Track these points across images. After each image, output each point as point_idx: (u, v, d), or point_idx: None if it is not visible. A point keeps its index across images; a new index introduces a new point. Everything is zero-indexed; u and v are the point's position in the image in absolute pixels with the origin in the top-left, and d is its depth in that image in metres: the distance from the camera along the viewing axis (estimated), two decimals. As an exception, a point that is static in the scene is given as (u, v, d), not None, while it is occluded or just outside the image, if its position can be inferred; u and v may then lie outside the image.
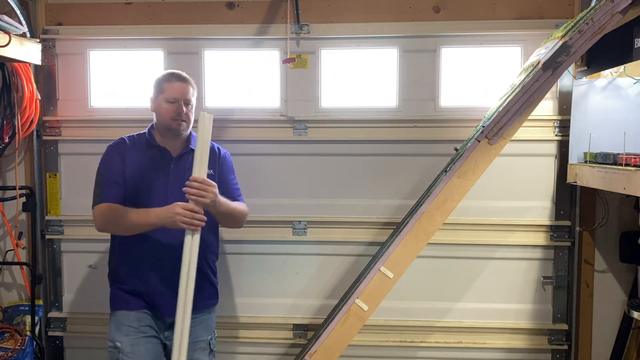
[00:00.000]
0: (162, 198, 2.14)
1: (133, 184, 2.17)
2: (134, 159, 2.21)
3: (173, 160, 2.23)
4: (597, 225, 2.89)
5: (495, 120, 2.23)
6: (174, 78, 2.22)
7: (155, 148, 2.23)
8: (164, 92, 2.20)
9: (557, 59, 2.12)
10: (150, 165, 2.21)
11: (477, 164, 2.24)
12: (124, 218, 2.09)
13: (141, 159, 2.21)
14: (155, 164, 2.21)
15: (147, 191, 2.17)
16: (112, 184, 2.17)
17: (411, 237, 2.25)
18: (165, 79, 2.22)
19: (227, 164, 2.40)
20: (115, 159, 2.20)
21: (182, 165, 2.23)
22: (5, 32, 2.50)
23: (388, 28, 2.93)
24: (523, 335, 2.99)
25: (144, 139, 2.26)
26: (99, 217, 2.16)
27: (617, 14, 2.03)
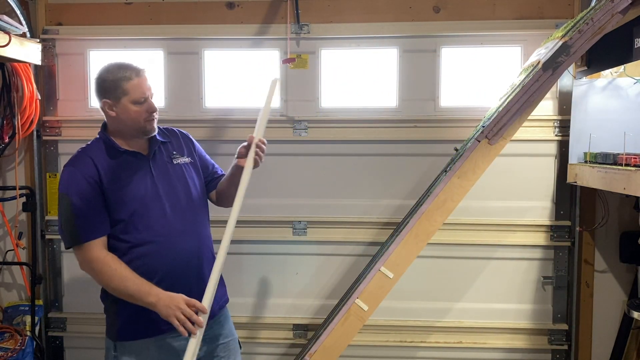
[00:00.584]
0: (158, 205, 1.92)
1: (121, 201, 1.87)
2: (109, 172, 1.88)
3: (149, 160, 1.97)
4: (597, 225, 2.89)
5: (495, 120, 2.23)
6: (133, 74, 1.88)
7: (125, 154, 1.93)
8: (128, 93, 1.87)
9: (557, 59, 2.12)
10: (128, 173, 1.91)
11: (477, 164, 2.24)
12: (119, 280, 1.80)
13: (117, 171, 1.90)
14: (132, 170, 1.92)
15: (141, 203, 1.90)
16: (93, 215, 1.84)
17: (411, 237, 2.25)
18: (125, 77, 1.87)
19: (198, 145, 2.20)
20: (88, 180, 1.85)
21: (160, 163, 1.99)
22: (5, 32, 2.50)
23: (388, 28, 2.93)
24: (523, 335, 2.99)
25: (106, 148, 1.93)
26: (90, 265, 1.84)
27: (617, 14, 2.03)
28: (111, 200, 1.86)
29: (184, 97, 3.05)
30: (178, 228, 1.94)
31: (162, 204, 1.93)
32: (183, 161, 2.05)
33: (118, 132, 1.95)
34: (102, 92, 1.91)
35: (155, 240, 1.90)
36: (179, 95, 3.05)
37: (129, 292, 1.79)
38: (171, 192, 1.95)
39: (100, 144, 1.95)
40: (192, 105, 3.06)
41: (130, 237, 1.88)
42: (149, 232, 1.89)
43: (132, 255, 1.88)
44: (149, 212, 1.90)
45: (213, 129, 3.03)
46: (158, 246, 1.90)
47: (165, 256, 1.91)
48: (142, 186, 1.91)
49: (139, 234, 1.88)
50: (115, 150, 1.92)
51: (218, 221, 2.15)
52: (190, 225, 1.98)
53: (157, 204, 1.92)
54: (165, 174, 1.97)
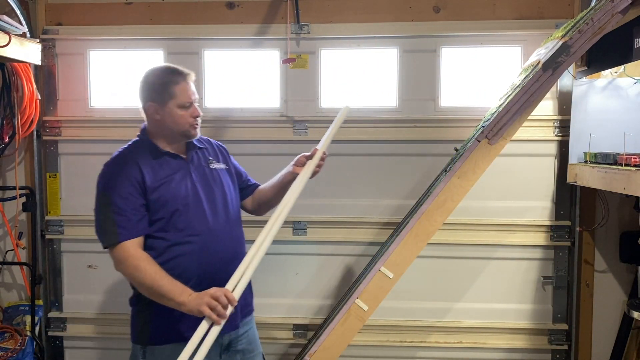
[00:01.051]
0: (198, 206, 1.91)
1: (163, 199, 1.86)
2: (151, 171, 1.88)
3: (187, 163, 1.97)
4: (597, 225, 2.89)
5: (495, 120, 2.23)
6: (180, 78, 1.91)
7: (166, 155, 1.94)
8: (175, 97, 1.89)
9: (557, 59, 2.12)
10: (170, 173, 1.91)
11: (477, 164, 2.24)
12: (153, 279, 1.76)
13: (160, 171, 1.90)
14: (173, 171, 1.92)
15: (182, 203, 1.89)
16: (134, 214, 1.82)
17: (411, 237, 2.24)
18: (173, 81, 1.90)
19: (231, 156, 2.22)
20: (130, 180, 1.84)
21: (198, 166, 1.99)
22: (5, 32, 2.50)
23: (388, 28, 2.93)
24: (523, 335, 2.99)
25: (149, 148, 1.94)
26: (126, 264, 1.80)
27: (617, 14, 2.03)
28: (153, 199, 1.85)
29: (184, 97, 3.04)
30: (216, 230, 1.93)
31: (202, 205, 1.92)
32: (219, 167, 2.05)
33: (159, 134, 1.95)
34: (149, 95, 1.92)
35: (195, 240, 1.88)
36: (179, 95, 3.05)
37: (162, 291, 1.75)
38: (209, 194, 1.95)
39: (140, 145, 1.95)
40: (192, 105, 3.05)
41: (170, 235, 1.87)
42: (189, 231, 1.88)
43: (171, 254, 1.87)
44: (189, 212, 1.89)
45: (213, 129, 3.03)
46: (197, 246, 1.89)
47: (204, 256, 1.89)
48: (183, 187, 1.90)
49: (179, 233, 1.87)
50: (157, 152, 1.93)
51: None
52: (227, 227, 1.98)
53: (197, 205, 1.91)
54: (203, 177, 1.97)
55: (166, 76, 1.91)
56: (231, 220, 2.01)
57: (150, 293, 1.79)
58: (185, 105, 1.90)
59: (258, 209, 2.19)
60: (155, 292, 1.77)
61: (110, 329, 3.14)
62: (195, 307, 1.70)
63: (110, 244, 1.82)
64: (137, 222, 1.83)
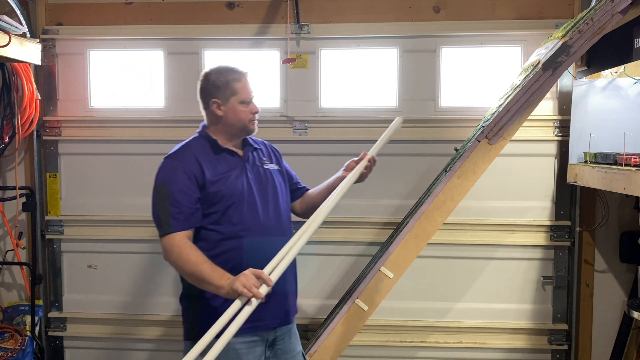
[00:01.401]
0: (252, 202, 1.96)
1: (220, 193, 1.92)
2: (210, 166, 1.94)
3: (243, 161, 2.03)
4: (597, 225, 2.89)
5: (495, 120, 2.23)
6: (241, 76, 2.00)
7: (225, 152, 2.00)
8: (237, 93, 1.98)
9: (557, 59, 2.12)
10: (228, 169, 1.97)
11: (477, 164, 2.24)
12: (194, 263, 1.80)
13: (219, 166, 1.96)
14: (231, 167, 1.98)
15: (238, 198, 1.93)
16: (187, 208, 1.87)
17: (411, 237, 2.25)
18: (234, 78, 1.98)
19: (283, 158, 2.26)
20: (188, 174, 1.90)
21: (253, 165, 2.05)
22: (5, 32, 2.50)
23: (388, 28, 2.93)
24: (523, 335, 2.99)
25: (209, 144, 2.00)
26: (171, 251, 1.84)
27: (617, 14, 2.03)
28: (211, 192, 1.90)
29: (184, 97, 3.04)
30: (267, 226, 1.97)
31: (256, 202, 1.97)
32: (272, 167, 2.10)
33: (220, 131, 2.02)
34: (213, 92, 2.00)
35: (246, 235, 1.93)
36: (179, 95, 3.05)
37: (202, 276, 1.78)
38: (262, 193, 2.00)
39: (202, 140, 2.02)
40: (192, 105, 3.03)
41: (223, 228, 1.92)
42: (242, 225, 1.92)
43: (223, 247, 1.91)
44: (243, 207, 1.94)
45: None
46: (248, 241, 1.93)
47: (254, 252, 1.92)
48: (240, 183, 1.96)
49: (233, 227, 1.91)
50: (216, 147, 2.00)
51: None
52: (278, 226, 2.02)
53: (251, 201, 1.96)
54: (258, 176, 2.03)
55: (228, 74, 2.00)
56: (281, 219, 2.05)
57: (192, 278, 1.82)
58: (246, 101, 1.99)
59: (306, 212, 2.19)
60: (196, 277, 1.80)
61: (110, 329, 3.14)
62: (229, 286, 1.73)
63: (163, 234, 1.87)
64: (191, 215, 1.88)
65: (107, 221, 3.11)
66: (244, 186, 1.96)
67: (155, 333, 3.13)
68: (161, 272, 3.11)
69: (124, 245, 3.11)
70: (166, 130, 3.05)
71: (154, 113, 3.07)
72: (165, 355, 3.14)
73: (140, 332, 3.14)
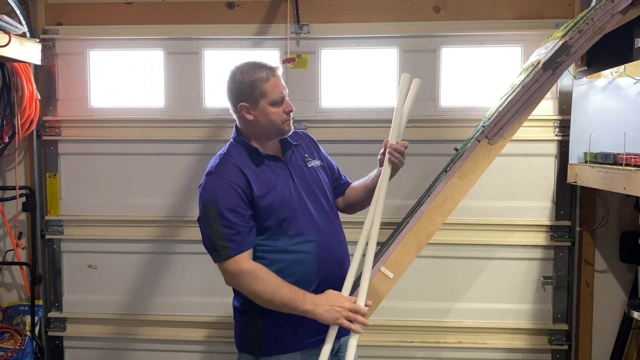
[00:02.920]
0: (305, 209, 1.84)
1: (271, 207, 1.78)
2: (256, 179, 1.79)
3: (286, 165, 1.88)
4: (597, 225, 2.89)
5: (495, 120, 2.23)
6: (269, 73, 1.79)
7: (265, 158, 1.85)
8: (267, 94, 1.78)
9: (557, 59, 2.12)
10: (274, 179, 1.82)
11: (477, 164, 2.24)
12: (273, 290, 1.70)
13: (264, 177, 1.81)
14: (276, 177, 1.83)
15: (290, 208, 1.81)
16: (243, 227, 1.74)
17: (411, 237, 2.24)
18: (262, 78, 1.78)
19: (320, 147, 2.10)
20: (237, 190, 1.74)
21: (296, 166, 1.90)
22: (5, 32, 2.50)
23: (388, 28, 2.93)
24: (523, 335, 2.99)
25: (248, 153, 1.84)
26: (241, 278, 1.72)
27: (617, 14, 2.03)
28: (262, 206, 1.77)
29: (184, 97, 3.05)
30: (326, 232, 1.88)
31: (308, 208, 1.84)
32: (315, 164, 1.97)
33: (254, 135, 1.86)
34: (238, 96, 1.81)
35: (308, 247, 1.82)
36: (179, 95, 3.05)
37: (284, 301, 1.68)
38: (312, 196, 1.88)
39: (240, 149, 1.85)
40: (192, 105, 3.06)
41: (281, 243, 1.79)
42: (300, 238, 1.81)
43: (283, 263, 1.80)
44: (297, 217, 1.81)
45: (213, 129, 3.03)
46: (312, 252, 1.82)
47: (320, 262, 1.83)
48: (288, 191, 1.82)
49: (290, 240, 1.80)
50: (258, 156, 1.83)
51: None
52: (332, 228, 1.92)
53: (304, 208, 1.84)
54: (304, 178, 1.89)
55: (254, 74, 1.79)
56: (333, 219, 1.94)
57: (272, 305, 1.72)
58: (277, 101, 1.80)
59: (349, 209, 2.11)
60: (276, 303, 1.71)
61: (110, 329, 3.14)
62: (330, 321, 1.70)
63: (222, 259, 1.73)
64: (247, 234, 1.75)
65: (107, 221, 3.11)
66: (292, 194, 1.82)
67: (155, 333, 3.13)
68: (161, 272, 3.11)
69: (124, 245, 3.11)
70: (166, 130, 3.05)
71: (154, 113, 3.07)
72: (165, 355, 3.14)
73: (140, 332, 3.14)
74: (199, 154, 3.04)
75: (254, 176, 1.78)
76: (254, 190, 1.76)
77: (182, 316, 3.10)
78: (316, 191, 1.91)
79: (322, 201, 1.91)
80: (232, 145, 1.88)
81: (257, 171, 1.81)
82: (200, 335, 3.11)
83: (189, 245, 3.05)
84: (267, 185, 1.79)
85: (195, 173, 3.05)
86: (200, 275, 3.07)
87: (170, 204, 3.07)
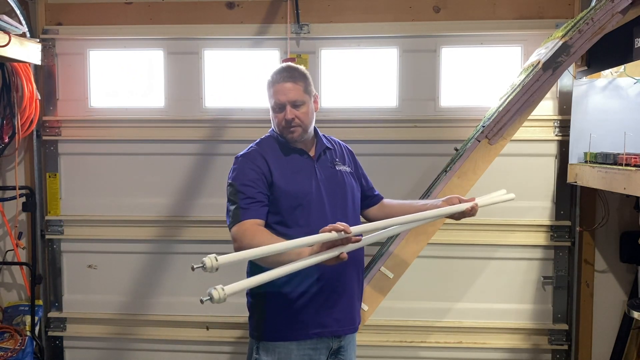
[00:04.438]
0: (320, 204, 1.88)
1: (288, 193, 1.85)
2: (279, 167, 1.89)
3: (314, 161, 1.95)
4: (597, 225, 2.89)
5: (496, 120, 2.23)
6: (279, 78, 1.87)
7: (293, 151, 1.93)
8: (269, 98, 1.89)
9: (557, 59, 2.12)
10: (297, 170, 1.91)
11: (477, 164, 2.24)
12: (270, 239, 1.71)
13: (285, 165, 1.90)
14: (300, 168, 1.91)
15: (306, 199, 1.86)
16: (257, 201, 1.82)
17: (411, 237, 2.25)
18: (271, 82, 1.89)
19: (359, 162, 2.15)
20: (255, 170, 1.85)
21: (324, 166, 1.96)
22: (5, 32, 2.50)
23: (388, 28, 2.93)
24: (523, 335, 2.99)
25: (278, 142, 1.94)
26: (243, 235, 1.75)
27: (617, 14, 2.03)
28: (278, 191, 1.84)
29: (184, 97, 3.05)
30: None
31: (324, 205, 1.88)
32: (344, 169, 2.01)
33: None
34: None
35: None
36: (179, 95, 3.05)
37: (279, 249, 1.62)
38: (332, 195, 1.91)
39: (270, 140, 1.96)
40: (192, 105, 3.06)
41: (291, 231, 1.80)
42: (309, 228, 1.79)
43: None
44: (311, 209, 1.86)
45: (213, 129, 3.03)
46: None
47: None
48: (308, 184, 1.89)
49: (300, 229, 1.81)
50: (286, 147, 1.93)
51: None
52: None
53: (319, 203, 1.88)
54: (327, 177, 1.94)
55: (271, 76, 1.90)
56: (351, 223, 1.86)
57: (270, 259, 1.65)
58: (274, 108, 1.89)
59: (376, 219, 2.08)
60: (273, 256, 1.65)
61: (110, 329, 3.14)
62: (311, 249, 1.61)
63: (233, 224, 1.80)
64: (260, 207, 1.82)
65: (107, 221, 3.11)
66: (312, 187, 1.88)
67: (155, 333, 3.13)
68: (161, 272, 3.11)
69: (124, 245, 3.11)
70: (166, 130, 3.05)
71: (154, 113, 3.07)
72: (164, 355, 3.15)
73: (140, 332, 3.14)
74: (199, 154, 3.04)
75: (276, 163, 1.88)
76: (274, 174, 1.85)
77: (182, 316, 3.10)
78: (337, 191, 1.94)
79: (340, 202, 1.93)
80: (265, 137, 1.98)
81: (282, 160, 1.90)
82: (200, 335, 3.11)
83: (189, 245, 3.05)
84: (289, 174, 1.87)
85: (195, 173, 3.04)
86: (200, 275, 3.04)
87: (170, 204, 3.07)
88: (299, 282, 1.82)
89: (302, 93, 1.88)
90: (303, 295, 1.82)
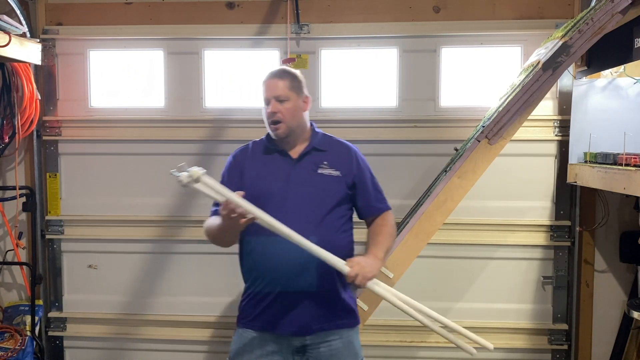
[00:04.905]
0: (280, 207, 1.88)
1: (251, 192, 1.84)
2: (252, 166, 1.99)
3: (294, 162, 1.96)
4: (597, 225, 2.89)
5: (495, 120, 2.23)
6: (267, 76, 2.00)
7: (275, 151, 1.99)
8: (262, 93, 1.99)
9: (557, 59, 2.12)
10: (269, 171, 1.96)
11: (477, 164, 2.24)
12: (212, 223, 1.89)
13: (259, 166, 1.99)
14: (273, 169, 1.96)
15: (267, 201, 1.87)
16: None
17: (411, 237, 2.25)
18: (265, 77, 2.00)
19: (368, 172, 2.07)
20: (233, 169, 2.01)
21: (301, 168, 1.96)
22: (5, 32, 2.50)
23: (388, 28, 2.93)
24: (523, 335, 2.99)
25: (266, 141, 2.03)
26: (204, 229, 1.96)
27: (617, 14, 2.03)
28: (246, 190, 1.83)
29: (184, 97, 3.05)
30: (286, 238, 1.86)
31: (285, 208, 1.88)
32: (330, 173, 1.96)
33: None
34: None
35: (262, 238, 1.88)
36: (179, 95, 3.05)
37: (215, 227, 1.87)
38: (300, 197, 1.91)
39: (262, 140, 2.06)
40: (192, 105, 3.06)
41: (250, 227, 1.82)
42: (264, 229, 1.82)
43: (247, 247, 1.97)
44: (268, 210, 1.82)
45: (213, 129, 3.03)
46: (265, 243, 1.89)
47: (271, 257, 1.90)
48: (275, 186, 1.93)
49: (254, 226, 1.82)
50: (270, 147, 2.01)
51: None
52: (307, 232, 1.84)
53: (279, 206, 1.88)
54: (302, 180, 1.94)
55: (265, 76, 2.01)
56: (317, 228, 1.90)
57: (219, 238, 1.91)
58: (264, 102, 1.98)
59: None
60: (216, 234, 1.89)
61: (110, 329, 3.14)
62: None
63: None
64: None
65: (107, 221, 3.11)
66: (277, 190, 1.91)
67: (155, 333, 3.13)
68: (161, 272, 3.11)
69: (124, 245, 3.11)
70: (166, 130, 3.05)
71: (154, 113, 3.07)
72: (165, 355, 3.15)
73: (140, 332, 3.14)
74: (199, 154, 3.04)
75: (252, 163, 2.00)
76: (244, 175, 1.98)
77: (182, 316, 3.10)
78: (311, 194, 1.92)
79: (307, 207, 1.91)
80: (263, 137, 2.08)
81: (259, 160, 2.00)
82: (200, 335, 3.11)
83: (189, 245, 3.05)
84: (259, 174, 1.97)
85: (195, 173, 3.04)
86: (200, 275, 3.07)
87: (170, 204, 3.07)
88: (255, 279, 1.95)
89: (287, 89, 1.95)
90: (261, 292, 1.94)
